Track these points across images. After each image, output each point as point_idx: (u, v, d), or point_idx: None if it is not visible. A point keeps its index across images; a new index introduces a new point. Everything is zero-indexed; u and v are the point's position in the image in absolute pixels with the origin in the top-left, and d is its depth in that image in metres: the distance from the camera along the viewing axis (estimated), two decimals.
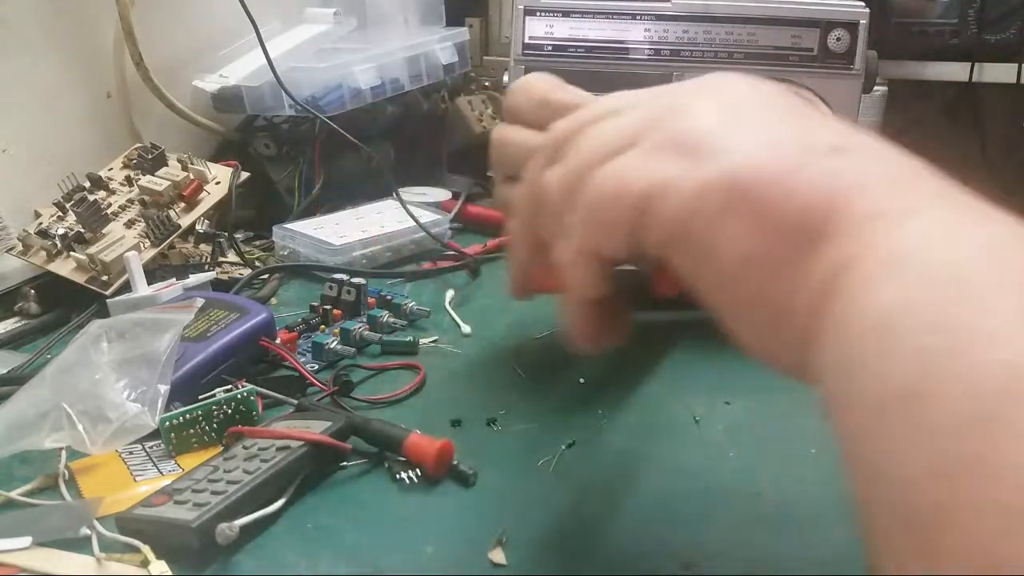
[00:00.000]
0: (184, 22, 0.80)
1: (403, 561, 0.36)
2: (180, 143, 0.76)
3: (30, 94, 0.67)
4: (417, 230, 0.73)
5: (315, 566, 0.35)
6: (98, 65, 0.73)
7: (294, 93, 0.75)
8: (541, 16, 0.73)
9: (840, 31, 0.70)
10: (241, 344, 0.50)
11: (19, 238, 0.64)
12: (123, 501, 0.38)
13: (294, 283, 0.70)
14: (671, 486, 0.41)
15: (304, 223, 0.75)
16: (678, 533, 0.38)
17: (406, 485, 0.41)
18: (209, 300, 0.53)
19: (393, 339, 0.57)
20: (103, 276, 0.61)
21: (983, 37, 1.09)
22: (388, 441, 0.43)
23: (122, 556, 0.35)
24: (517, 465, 0.42)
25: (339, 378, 0.50)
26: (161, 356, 0.45)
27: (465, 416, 0.47)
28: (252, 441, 0.42)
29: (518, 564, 0.36)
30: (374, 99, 0.82)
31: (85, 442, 0.41)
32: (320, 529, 0.38)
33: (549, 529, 0.38)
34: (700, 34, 0.71)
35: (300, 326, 0.57)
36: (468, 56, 0.96)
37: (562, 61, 0.73)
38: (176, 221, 0.65)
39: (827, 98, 0.72)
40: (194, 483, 0.38)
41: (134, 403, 0.43)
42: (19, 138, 0.66)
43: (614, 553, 0.37)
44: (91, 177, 0.68)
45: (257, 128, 0.84)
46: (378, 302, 0.61)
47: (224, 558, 0.35)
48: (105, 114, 0.74)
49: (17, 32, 0.66)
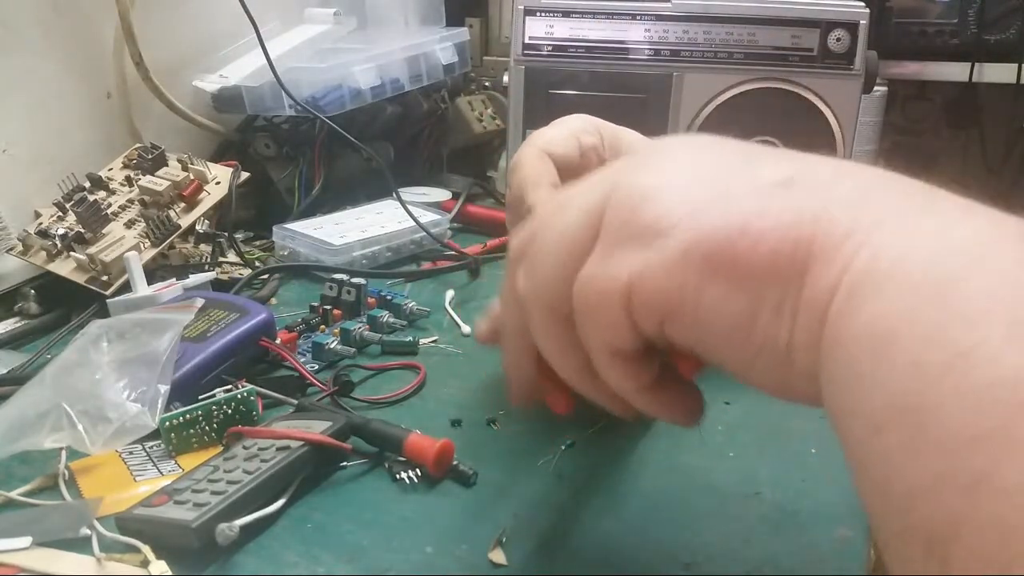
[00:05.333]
0: (184, 22, 0.80)
1: (403, 561, 0.36)
2: (180, 143, 0.76)
3: (30, 94, 0.67)
4: (417, 230, 0.73)
5: (315, 566, 0.35)
6: (98, 65, 0.73)
7: (294, 93, 0.75)
8: (541, 16, 0.73)
9: (840, 31, 0.70)
10: (241, 344, 0.50)
11: (19, 238, 0.64)
12: (123, 501, 0.38)
13: (294, 283, 0.70)
14: (671, 486, 0.41)
15: (304, 223, 0.75)
16: (678, 533, 0.38)
17: (406, 485, 0.41)
18: (209, 300, 0.53)
19: (393, 339, 0.57)
20: (103, 276, 0.61)
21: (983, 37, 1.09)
22: (388, 441, 0.43)
23: (122, 556, 0.35)
24: (517, 465, 0.42)
25: (339, 378, 0.50)
26: (161, 356, 0.45)
27: (465, 416, 0.47)
28: (252, 441, 0.42)
29: (518, 564, 0.36)
30: (374, 99, 0.82)
31: (85, 442, 0.41)
32: (320, 529, 0.38)
33: (549, 529, 0.38)
34: (700, 34, 0.71)
35: (300, 326, 0.57)
36: (468, 56, 0.96)
37: (562, 61, 0.73)
38: (176, 221, 0.65)
39: (827, 98, 0.72)
40: (194, 483, 0.38)
41: (134, 403, 0.43)
42: (19, 138, 0.66)
43: (614, 553, 0.37)
44: (91, 177, 0.68)
45: (257, 128, 0.84)
46: (378, 302, 0.61)
47: (224, 558, 0.35)
48: (105, 114, 0.74)
49: (17, 32, 0.66)
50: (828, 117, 0.72)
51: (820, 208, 0.25)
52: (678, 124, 0.73)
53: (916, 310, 0.21)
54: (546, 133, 0.45)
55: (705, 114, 0.73)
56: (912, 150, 1.32)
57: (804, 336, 0.24)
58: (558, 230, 0.30)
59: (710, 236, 0.26)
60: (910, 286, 0.22)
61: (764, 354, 0.26)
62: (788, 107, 0.72)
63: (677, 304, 0.26)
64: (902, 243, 0.23)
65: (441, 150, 0.99)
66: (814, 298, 0.24)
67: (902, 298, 0.22)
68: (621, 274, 0.27)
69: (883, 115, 0.98)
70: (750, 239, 0.25)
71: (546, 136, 0.44)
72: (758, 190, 0.26)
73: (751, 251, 0.25)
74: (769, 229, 0.25)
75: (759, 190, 0.26)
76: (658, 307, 0.27)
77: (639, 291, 0.27)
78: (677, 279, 0.26)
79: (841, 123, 0.72)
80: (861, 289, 0.23)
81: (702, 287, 0.26)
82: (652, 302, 0.27)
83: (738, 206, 0.26)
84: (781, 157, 0.28)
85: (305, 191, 0.82)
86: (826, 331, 0.24)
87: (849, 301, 0.23)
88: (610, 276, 0.28)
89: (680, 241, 0.26)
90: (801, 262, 0.24)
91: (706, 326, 0.26)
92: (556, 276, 0.30)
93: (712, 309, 0.26)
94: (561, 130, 0.45)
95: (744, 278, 0.25)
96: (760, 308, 0.25)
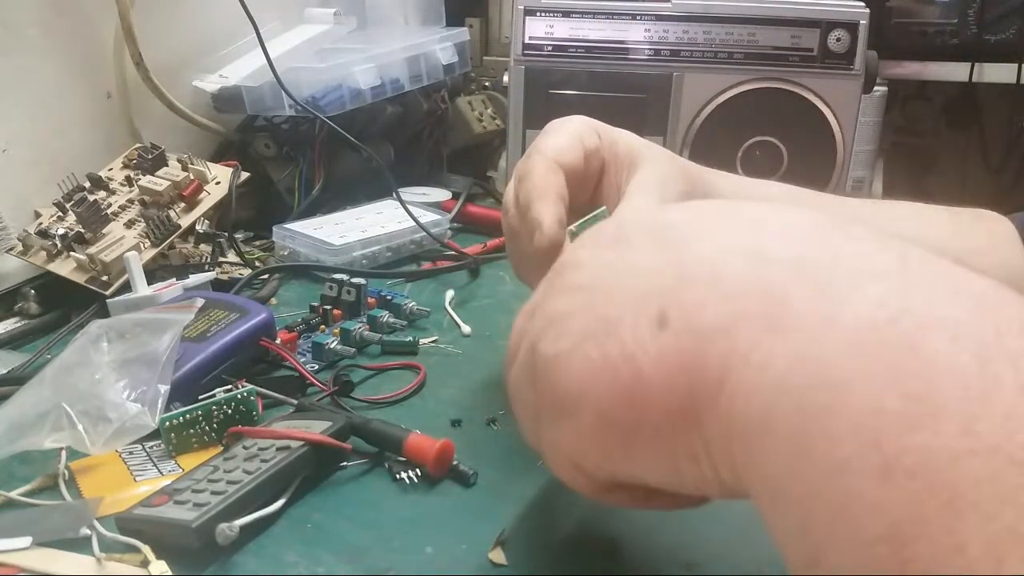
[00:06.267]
0: (184, 22, 0.80)
1: (403, 561, 0.36)
2: (180, 143, 0.76)
3: (30, 94, 0.67)
4: (417, 230, 0.73)
5: (315, 566, 0.35)
6: (98, 65, 0.73)
7: (294, 93, 0.75)
8: (541, 16, 0.73)
9: (840, 31, 0.71)
10: (241, 344, 0.50)
11: (19, 238, 0.64)
12: (123, 501, 0.38)
13: (294, 283, 0.70)
14: None
15: (304, 223, 0.75)
16: (679, 533, 0.38)
17: (406, 485, 0.41)
18: (209, 300, 0.53)
19: (393, 339, 0.57)
20: (103, 276, 0.61)
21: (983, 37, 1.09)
22: (388, 441, 0.43)
23: (122, 556, 0.35)
24: (517, 465, 0.42)
25: (339, 378, 0.50)
26: (161, 356, 0.45)
27: (465, 416, 0.47)
28: (252, 441, 0.42)
29: (518, 564, 0.36)
30: (374, 99, 0.82)
31: (85, 442, 0.41)
32: (320, 529, 0.38)
33: (549, 529, 0.38)
34: (700, 34, 0.72)
35: (300, 326, 0.57)
36: (468, 56, 0.96)
37: (562, 61, 0.73)
38: (176, 221, 0.65)
39: (827, 98, 0.72)
40: (194, 483, 0.38)
41: (134, 403, 0.43)
42: (19, 138, 0.66)
43: (615, 553, 0.37)
44: (91, 177, 0.68)
45: (257, 128, 0.84)
46: (378, 302, 0.61)
47: (224, 558, 0.35)
48: (105, 114, 0.74)
49: (17, 32, 0.66)
50: (828, 117, 0.72)
51: (692, 350, 0.24)
52: (678, 124, 0.73)
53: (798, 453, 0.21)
54: (553, 141, 0.44)
55: (705, 114, 0.73)
56: (912, 150, 1.32)
57: (728, 472, 0.24)
58: (511, 387, 0.32)
59: (608, 410, 0.26)
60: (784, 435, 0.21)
61: (706, 488, 0.26)
62: (788, 107, 0.72)
63: (614, 465, 0.27)
64: (764, 380, 0.22)
65: (441, 150, 0.99)
66: (716, 444, 0.24)
67: (782, 450, 0.21)
68: (559, 456, 0.29)
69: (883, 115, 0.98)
70: (639, 405, 0.25)
71: (554, 145, 0.43)
72: (634, 339, 0.25)
73: (642, 415, 0.25)
74: (652, 387, 0.24)
75: (634, 339, 0.25)
76: (600, 469, 0.28)
77: (580, 463, 0.29)
78: (600, 447, 0.27)
79: (841, 123, 0.72)
80: (745, 439, 0.22)
81: (626, 449, 0.26)
82: (595, 473, 0.28)
83: (619, 370, 0.25)
84: (647, 287, 0.26)
85: (305, 191, 0.82)
86: (740, 474, 0.23)
87: (744, 452, 0.23)
88: (553, 457, 0.30)
89: (588, 417, 0.26)
90: (692, 409, 0.24)
91: (645, 479, 0.27)
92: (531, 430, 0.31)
93: (640, 467, 0.27)
94: (567, 137, 0.44)
95: (653, 435, 0.25)
96: (678, 460, 0.25)
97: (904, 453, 0.18)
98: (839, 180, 0.73)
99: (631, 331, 0.25)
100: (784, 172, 0.73)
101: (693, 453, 0.25)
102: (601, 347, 0.26)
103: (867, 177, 0.97)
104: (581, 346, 0.27)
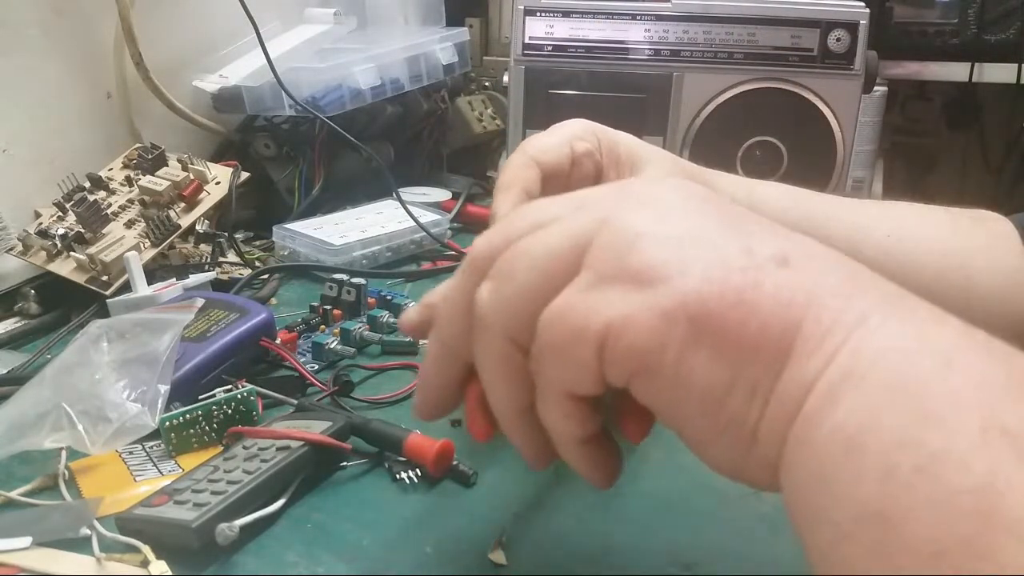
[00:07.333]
0: (184, 22, 0.80)
1: (403, 561, 0.36)
2: (180, 143, 0.76)
3: (30, 94, 0.67)
4: (417, 230, 0.73)
5: (315, 566, 0.35)
6: (98, 65, 0.73)
7: (294, 93, 0.75)
8: (541, 16, 0.73)
9: (840, 31, 0.70)
10: (241, 344, 0.50)
11: (19, 238, 0.64)
12: (123, 501, 0.38)
13: (294, 283, 0.70)
14: (671, 486, 0.41)
15: (304, 223, 0.75)
16: (678, 533, 0.38)
17: (406, 485, 0.41)
18: (209, 300, 0.53)
19: (393, 339, 0.57)
20: (103, 276, 0.61)
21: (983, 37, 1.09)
22: (388, 441, 0.43)
23: (122, 556, 0.35)
24: (517, 465, 0.42)
25: (339, 378, 0.50)
26: (161, 356, 0.45)
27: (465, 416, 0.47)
28: (252, 441, 0.42)
29: (518, 564, 0.36)
30: (374, 99, 0.82)
31: (85, 442, 0.41)
32: (320, 529, 0.38)
33: (549, 529, 0.38)
34: (700, 34, 0.71)
35: (300, 326, 0.57)
36: (468, 56, 0.96)
37: (562, 61, 0.73)
38: (176, 221, 0.65)
39: (827, 98, 0.72)
40: (194, 483, 0.38)
41: (134, 403, 0.43)
42: (19, 138, 0.66)
43: (614, 553, 0.37)
44: (91, 177, 0.68)
45: (257, 128, 0.84)
46: (378, 302, 0.61)
47: (224, 558, 0.35)
48: (105, 114, 0.74)
49: (17, 32, 0.66)
50: (828, 117, 0.72)
51: (812, 296, 0.24)
52: (678, 124, 0.73)
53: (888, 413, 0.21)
54: (538, 140, 0.44)
55: (705, 114, 0.73)
56: (912, 150, 1.32)
57: (771, 426, 0.24)
58: (538, 250, 0.28)
59: (702, 299, 0.24)
60: (886, 389, 0.22)
61: (729, 431, 0.25)
62: (788, 107, 0.72)
63: (655, 361, 0.25)
64: (881, 344, 0.23)
65: (441, 150, 0.99)
66: (788, 392, 0.24)
67: (878, 401, 0.21)
68: (601, 315, 0.25)
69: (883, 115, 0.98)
70: (742, 311, 0.24)
71: (537, 143, 0.44)
72: (756, 263, 0.25)
73: (741, 324, 0.24)
74: (762, 305, 0.24)
75: (757, 263, 0.25)
76: (635, 359, 0.25)
77: (618, 338, 0.25)
78: (660, 335, 0.25)
79: (841, 123, 0.72)
80: (836, 390, 0.22)
81: (684, 349, 0.25)
82: (630, 353, 0.25)
83: (733, 275, 0.25)
84: (771, 231, 0.27)
85: (305, 191, 0.82)
86: (795, 429, 0.23)
87: (823, 402, 0.23)
88: (593, 313, 0.26)
89: (670, 297, 0.25)
90: (787, 346, 0.24)
91: (679, 390, 0.25)
92: (526, 299, 0.27)
93: (689, 374, 0.25)
94: (554, 137, 0.44)
95: (728, 349, 0.24)
96: (736, 384, 0.24)
97: None
98: (839, 180, 0.73)
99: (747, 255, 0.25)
100: (784, 172, 0.73)
101: (754, 387, 0.24)
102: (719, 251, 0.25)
103: (867, 177, 0.97)
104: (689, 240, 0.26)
